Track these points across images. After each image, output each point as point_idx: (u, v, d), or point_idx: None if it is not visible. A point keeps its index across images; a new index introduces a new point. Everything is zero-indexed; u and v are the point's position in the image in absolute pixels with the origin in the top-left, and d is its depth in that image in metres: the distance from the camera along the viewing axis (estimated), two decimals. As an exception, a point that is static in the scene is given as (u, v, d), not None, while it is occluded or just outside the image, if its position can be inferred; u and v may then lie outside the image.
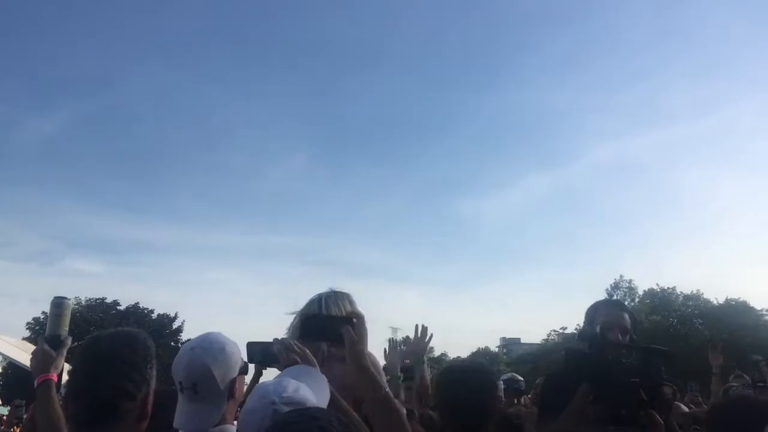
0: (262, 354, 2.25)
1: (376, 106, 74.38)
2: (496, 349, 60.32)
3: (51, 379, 2.32)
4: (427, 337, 3.78)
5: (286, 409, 1.56)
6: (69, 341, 2.43)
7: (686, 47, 68.79)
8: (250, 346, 2.29)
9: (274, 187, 66.99)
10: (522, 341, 60.88)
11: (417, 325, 3.80)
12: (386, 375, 2.77)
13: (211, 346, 2.05)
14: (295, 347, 2.11)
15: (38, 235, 61.10)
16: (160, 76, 65.20)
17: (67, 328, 2.47)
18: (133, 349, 1.89)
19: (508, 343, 63.31)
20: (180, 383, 2.01)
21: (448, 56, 76.99)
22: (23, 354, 14.57)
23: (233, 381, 2.05)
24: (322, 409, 1.61)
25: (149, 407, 1.93)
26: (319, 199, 70.83)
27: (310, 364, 2.05)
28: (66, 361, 2.40)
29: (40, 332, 24.63)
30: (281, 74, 71.79)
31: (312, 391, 1.74)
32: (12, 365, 24.00)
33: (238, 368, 2.09)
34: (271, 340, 2.23)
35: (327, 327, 2.13)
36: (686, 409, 4.70)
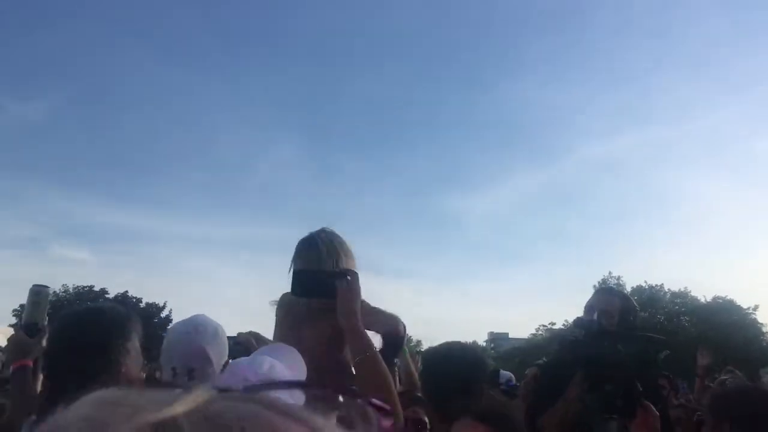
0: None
1: (366, 100, 73.68)
2: (484, 344, 60.44)
3: (26, 365, 2.23)
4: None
5: None
6: (47, 329, 2.37)
7: (676, 48, 68.70)
8: None
9: (263, 180, 66.45)
10: (510, 336, 60.96)
11: None
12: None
13: (205, 329, 1.98)
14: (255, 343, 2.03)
15: (25, 222, 60.29)
16: (148, 65, 64.39)
17: (45, 316, 2.38)
18: (96, 330, 1.73)
19: (496, 338, 63.36)
20: (173, 369, 1.93)
21: (438, 51, 76.44)
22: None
23: (227, 364, 1.97)
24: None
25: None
26: (307, 193, 70.08)
27: None
28: None
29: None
30: (270, 68, 71.02)
31: (288, 368, 1.70)
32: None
33: (227, 350, 2.03)
34: (236, 335, 2.17)
35: (318, 282, 1.95)
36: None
